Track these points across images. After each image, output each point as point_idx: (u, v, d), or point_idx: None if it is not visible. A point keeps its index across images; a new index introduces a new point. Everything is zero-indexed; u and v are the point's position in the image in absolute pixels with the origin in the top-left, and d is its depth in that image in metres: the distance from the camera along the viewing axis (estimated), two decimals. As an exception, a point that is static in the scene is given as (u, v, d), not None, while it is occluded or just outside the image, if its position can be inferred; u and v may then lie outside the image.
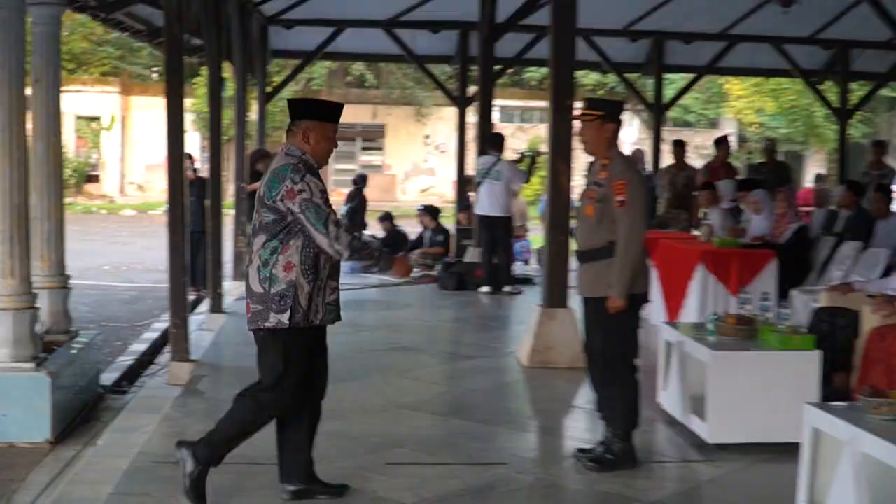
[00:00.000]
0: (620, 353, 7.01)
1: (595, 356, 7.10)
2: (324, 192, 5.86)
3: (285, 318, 5.84)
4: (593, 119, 6.94)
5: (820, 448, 5.83)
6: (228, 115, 16.75)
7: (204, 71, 21.88)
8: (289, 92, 36.41)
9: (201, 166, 17.04)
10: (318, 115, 6.04)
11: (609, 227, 6.85)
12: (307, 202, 5.77)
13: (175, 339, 10.02)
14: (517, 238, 18.71)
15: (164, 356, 11.16)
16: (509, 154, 17.67)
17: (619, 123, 7.03)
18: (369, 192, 21.50)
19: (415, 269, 17.15)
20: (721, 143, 17.17)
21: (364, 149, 43.43)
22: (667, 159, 18.92)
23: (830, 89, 21.69)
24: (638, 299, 6.97)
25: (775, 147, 17.91)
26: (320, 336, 6.20)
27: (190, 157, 13.88)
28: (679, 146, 17.45)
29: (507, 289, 14.99)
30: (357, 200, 20.23)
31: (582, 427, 8.15)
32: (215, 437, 6.13)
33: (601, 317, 6.94)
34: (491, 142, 15.49)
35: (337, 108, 6.15)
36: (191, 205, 13.28)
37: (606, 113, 6.98)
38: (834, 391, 8.23)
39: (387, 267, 5.91)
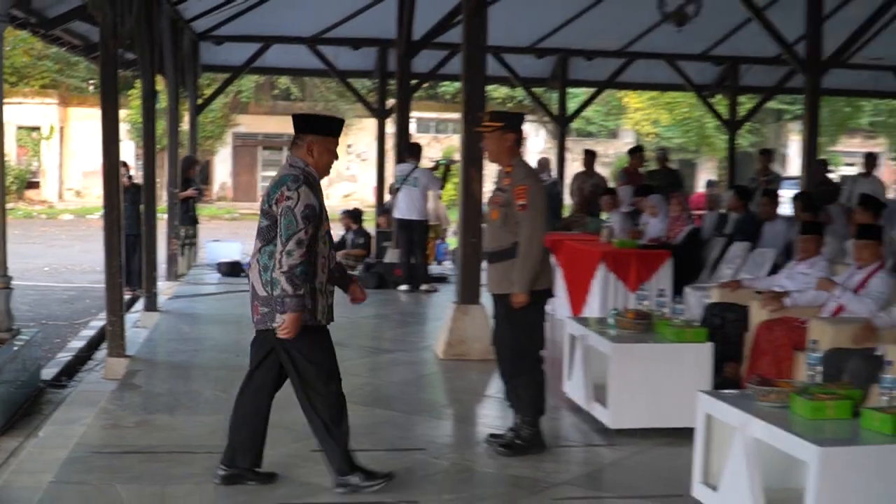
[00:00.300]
0: (526, 346, 7.03)
1: (503, 348, 7.12)
2: (308, 206, 5.71)
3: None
4: (493, 130, 6.97)
5: (713, 433, 5.88)
6: (161, 125, 16.57)
7: (138, 84, 21.59)
8: (218, 103, 36.31)
9: (136, 173, 16.82)
10: (322, 130, 5.98)
11: (513, 229, 6.89)
12: (287, 210, 5.68)
13: (111, 336, 9.88)
14: (440, 240, 18.77)
15: (101, 352, 11.02)
16: (425, 162, 17.69)
17: (518, 133, 7.02)
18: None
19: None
20: (635, 151, 17.32)
21: (290, 157, 43.21)
22: (571, 167, 19.04)
23: (721, 102, 21.91)
24: (541, 295, 7.00)
25: (667, 156, 18.07)
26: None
27: (125, 164, 13.71)
28: (589, 155, 17.66)
29: (424, 287, 14.99)
30: None
31: (493, 414, 8.15)
32: (330, 453, 6.09)
33: (508, 312, 6.97)
34: (408, 151, 15.49)
35: (339, 124, 6.11)
36: (126, 210, 13.09)
37: (505, 124, 6.99)
38: (725, 380, 8.33)
39: (292, 309, 5.66)
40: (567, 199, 19.45)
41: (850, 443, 5.08)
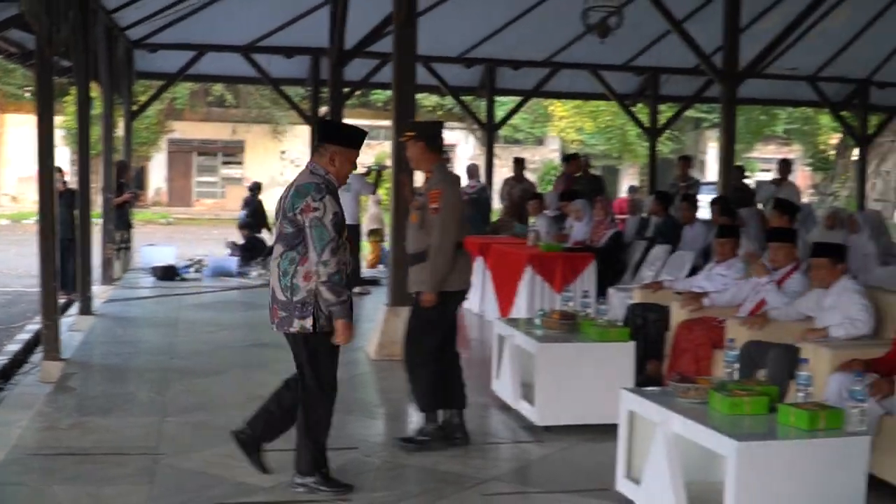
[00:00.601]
0: (424, 342, 7.09)
1: (408, 341, 7.18)
2: (336, 214, 5.76)
3: (308, 323, 5.83)
4: (409, 139, 7.05)
5: (635, 428, 5.92)
6: (96, 131, 16.38)
7: (73, 91, 21.35)
8: (153, 110, 35.92)
9: (71, 179, 16.61)
10: (347, 141, 5.99)
11: (429, 232, 6.94)
12: (317, 220, 5.70)
13: (46, 339, 9.74)
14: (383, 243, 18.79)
15: (37, 356, 10.84)
16: (358, 168, 17.62)
17: (429, 141, 7.06)
18: (230, 202, 21.32)
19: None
20: (572, 158, 17.37)
21: (225, 163, 42.92)
22: (499, 173, 19.10)
23: (642, 110, 22.08)
24: (452, 296, 7.05)
25: (589, 162, 18.21)
26: None
27: (60, 170, 13.53)
28: (519, 163, 17.80)
29: (356, 290, 14.90)
30: (253, 206, 20.22)
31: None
32: (302, 452, 6.08)
33: (416, 309, 7.10)
34: (341, 157, 15.43)
35: (363, 136, 6.12)
36: (60, 215, 12.88)
37: (419, 133, 7.09)
38: (647, 377, 8.40)
39: (339, 316, 5.81)
40: (496, 204, 19.53)
41: (767, 437, 5.14)
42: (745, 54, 14.08)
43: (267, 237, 19.31)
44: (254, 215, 19.58)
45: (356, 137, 6.07)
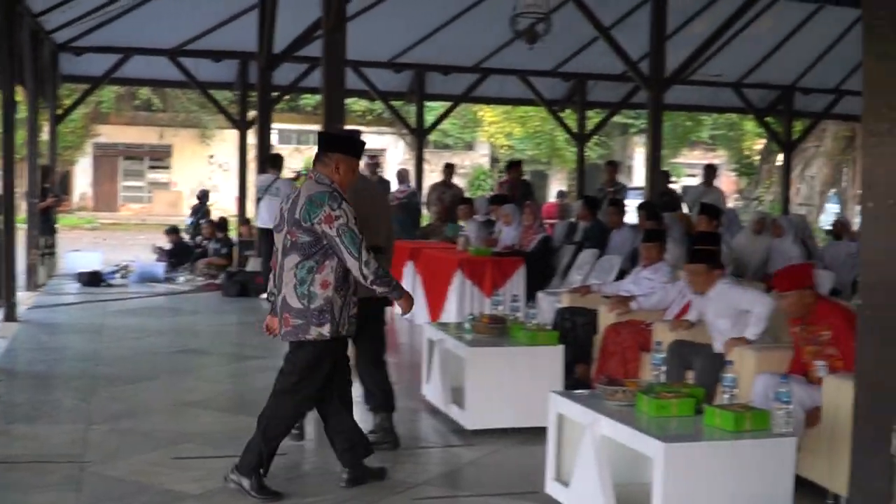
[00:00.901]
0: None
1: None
2: (356, 217, 5.83)
3: (326, 330, 5.88)
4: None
5: (564, 431, 5.96)
6: (21, 135, 16.15)
7: (-3, 94, 21.04)
8: (79, 113, 35.45)
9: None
10: (350, 150, 6.04)
11: None
12: (344, 227, 5.75)
13: (-30, 346, 9.58)
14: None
15: (-40, 363, 10.66)
16: (287, 173, 17.58)
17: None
18: (157, 206, 21.20)
19: (199, 279, 16.96)
20: (515, 164, 17.37)
21: (151, 167, 42.50)
22: (429, 178, 19.13)
23: (570, 116, 22.28)
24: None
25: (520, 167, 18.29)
26: (345, 345, 6.23)
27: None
28: (449, 168, 17.81)
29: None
30: (202, 213, 20.10)
31: (357, 418, 8.12)
32: (250, 452, 6.09)
33: None
34: (270, 162, 15.39)
35: (363, 145, 6.20)
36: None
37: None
38: (576, 381, 8.46)
39: (399, 297, 6.00)
40: (425, 209, 19.54)
41: (693, 439, 5.20)
42: (671, 61, 14.27)
43: (194, 241, 19.17)
44: (200, 222, 19.62)
45: (359, 146, 6.16)
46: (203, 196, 20.96)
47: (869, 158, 2.92)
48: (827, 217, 32.59)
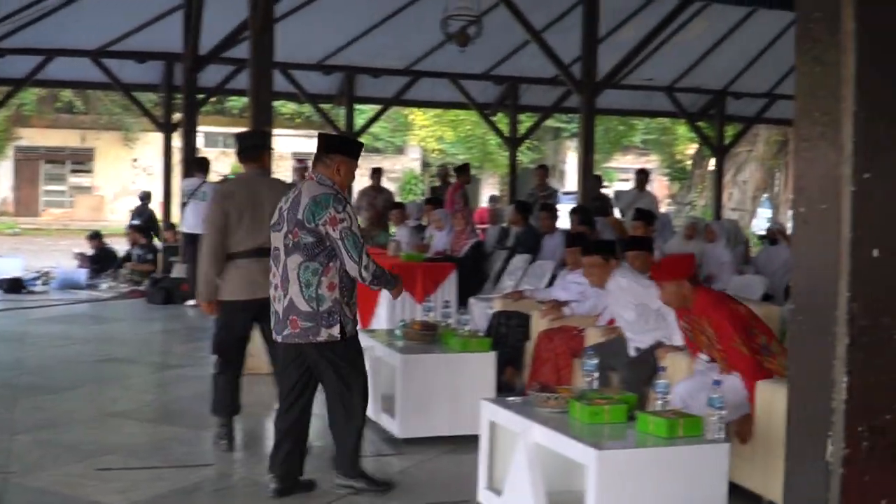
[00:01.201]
0: (215, 350, 7.47)
1: None
2: (357, 221, 6.06)
3: (336, 331, 6.01)
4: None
5: (497, 439, 5.97)
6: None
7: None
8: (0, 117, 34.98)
9: None
10: (350, 152, 6.17)
11: None
12: (347, 230, 5.91)
13: None
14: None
15: None
16: (214, 177, 17.45)
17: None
18: (79, 211, 20.97)
19: (123, 285, 16.79)
20: (463, 169, 17.24)
21: (73, 171, 41.98)
22: (359, 182, 19.07)
23: (502, 120, 22.36)
24: (230, 305, 7.20)
25: (448, 172, 18.36)
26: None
27: None
28: (376, 172, 17.79)
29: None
30: (147, 214, 19.95)
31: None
32: (351, 456, 6.29)
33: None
34: (197, 165, 15.28)
35: (362, 147, 6.40)
36: None
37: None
38: (504, 383, 8.50)
39: (393, 287, 6.44)
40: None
41: (626, 445, 5.23)
42: (603, 65, 14.37)
43: (118, 248, 18.97)
44: (148, 223, 19.48)
45: (358, 148, 6.32)
46: (145, 197, 20.77)
47: (801, 163, 2.96)
48: (759, 222, 33.02)
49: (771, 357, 6.15)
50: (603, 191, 18.14)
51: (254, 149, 7.33)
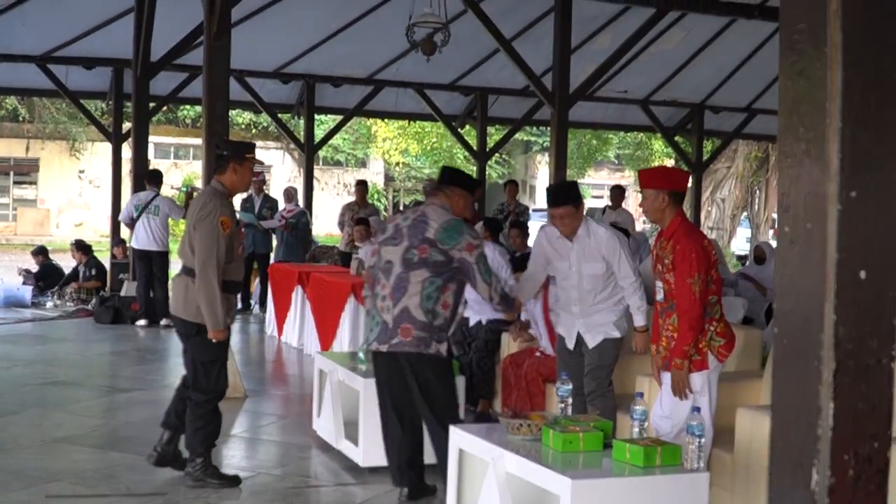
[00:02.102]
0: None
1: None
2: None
3: (443, 348, 6.49)
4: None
5: (466, 468, 5.97)
6: None
7: None
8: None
9: None
10: (468, 187, 6.79)
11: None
12: (482, 255, 6.53)
13: None
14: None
15: None
16: (166, 189, 17.40)
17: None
18: (23, 226, 20.74)
19: (69, 304, 16.71)
20: (480, 184, 17.24)
21: (17, 183, 41.72)
22: (319, 196, 19.12)
23: (469, 133, 22.41)
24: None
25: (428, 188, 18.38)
26: None
27: None
28: (362, 186, 17.70)
29: (164, 322, 14.69)
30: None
31: (239, 454, 8.07)
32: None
33: None
34: (149, 177, 15.23)
35: (478, 185, 7.33)
36: None
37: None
38: (480, 415, 8.52)
39: (514, 309, 7.09)
40: (333, 230, 19.41)
41: (602, 475, 5.24)
42: (575, 76, 14.45)
43: (64, 265, 18.86)
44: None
45: (476, 185, 6.99)
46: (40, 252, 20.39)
47: (785, 181, 2.99)
48: (738, 241, 33.22)
49: (709, 320, 6.19)
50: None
51: (219, 159, 7.26)
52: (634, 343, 7.29)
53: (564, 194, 7.36)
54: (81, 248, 17.97)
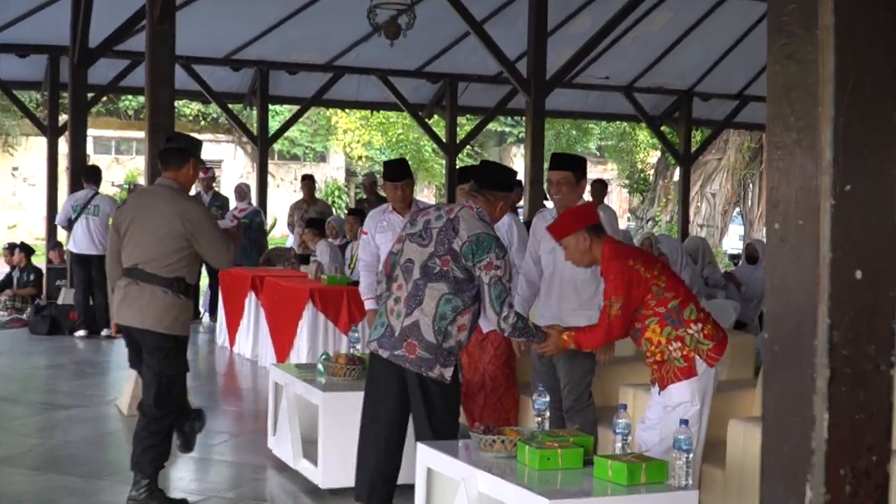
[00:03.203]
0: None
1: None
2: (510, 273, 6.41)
3: (448, 372, 6.34)
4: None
5: (435, 488, 5.96)
6: None
7: None
8: None
9: None
10: (509, 188, 6.67)
11: None
12: (498, 280, 6.24)
13: None
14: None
15: None
16: (107, 187, 17.33)
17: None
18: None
19: (1, 313, 16.62)
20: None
21: (-58, 182, 41.51)
22: (275, 194, 19.09)
23: (438, 123, 22.39)
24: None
25: (376, 181, 18.36)
26: None
27: None
28: (308, 181, 17.73)
29: (105, 332, 14.63)
30: None
31: (188, 476, 8.06)
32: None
33: None
34: (86, 175, 15.16)
35: (518, 184, 7.09)
36: None
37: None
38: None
39: (541, 341, 6.56)
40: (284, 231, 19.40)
41: (582, 494, 5.25)
42: (552, 61, 14.47)
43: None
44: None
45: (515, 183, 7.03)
46: None
47: (775, 174, 3.00)
48: (730, 240, 33.33)
49: (687, 322, 6.24)
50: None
51: (173, 153, 7.23)
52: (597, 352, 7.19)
53: (570, 159, 7.47)
54: (25, 249, 17.87)
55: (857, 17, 2.84)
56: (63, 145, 18.57)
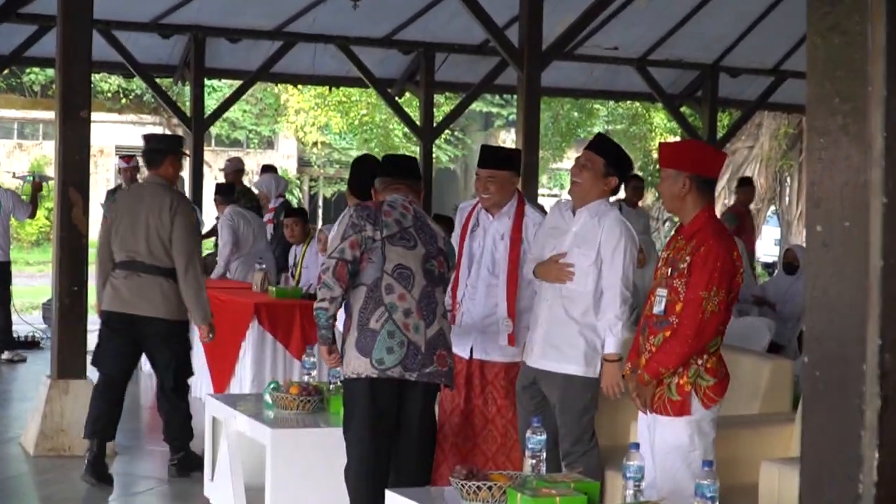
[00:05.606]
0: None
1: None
2: None
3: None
4: None
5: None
6: None
7: None
8: None
9: None
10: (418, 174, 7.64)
11: None
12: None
13: None
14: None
15: None
16: (6, 179, 17.31)
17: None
18: None
19: None
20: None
21: None
22: (211, 186, 19.01)
23: (410, 102, 22.38)
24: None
25: (243, 168, 18.45)
26: None
27: None
28: (234, 162, 17.80)
29: (5, 356, 14.63)
30: None
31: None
32: None
33: None
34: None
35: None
36: None
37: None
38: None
39: None
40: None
41: (585, 551, 5.30)
42: (550, 28, 14.49)
43: None
44: None
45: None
46: None
47: (817, 166, 3.01)
48: (764, 244, 33.37)
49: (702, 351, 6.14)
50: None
51: (152, 153, 8.95)
52: (603, 382, 7.14)
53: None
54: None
55: (914, -20, 2.86)
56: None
